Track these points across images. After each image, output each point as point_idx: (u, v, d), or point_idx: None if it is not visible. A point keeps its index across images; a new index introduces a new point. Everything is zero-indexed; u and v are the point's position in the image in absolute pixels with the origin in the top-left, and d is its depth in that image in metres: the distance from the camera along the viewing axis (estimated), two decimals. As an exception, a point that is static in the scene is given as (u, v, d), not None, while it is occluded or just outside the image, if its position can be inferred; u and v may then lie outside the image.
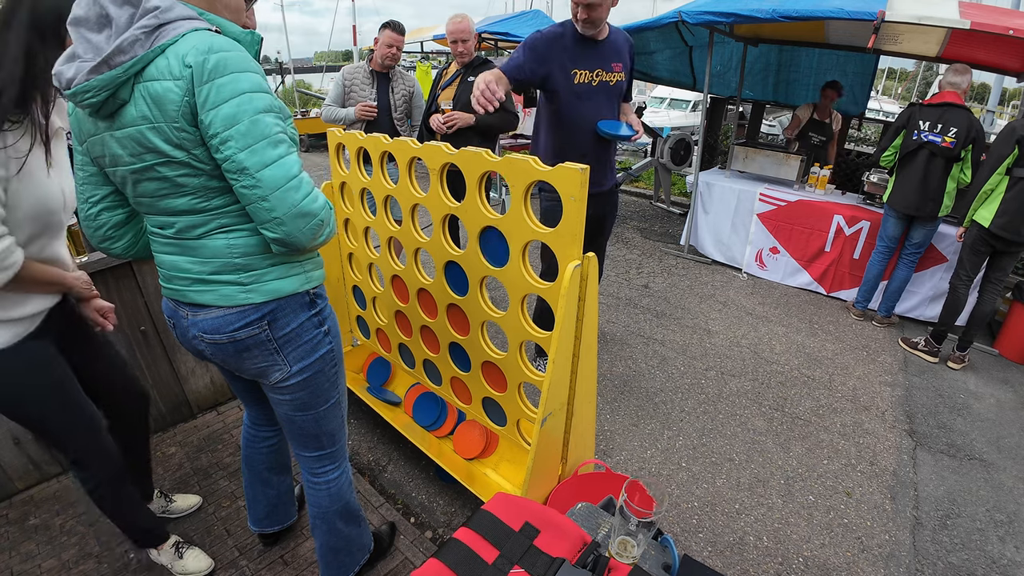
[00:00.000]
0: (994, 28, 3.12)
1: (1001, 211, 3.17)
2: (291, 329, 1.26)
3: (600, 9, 2.38)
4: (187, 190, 1.08)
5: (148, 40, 0.96)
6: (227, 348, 1.24)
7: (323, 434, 1.47)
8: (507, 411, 1.97)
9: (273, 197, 1.01)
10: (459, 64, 3.28)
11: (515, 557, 0.90)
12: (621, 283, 4.61)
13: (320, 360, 1.34)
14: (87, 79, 0.95)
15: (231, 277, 1.17)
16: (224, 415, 2.65)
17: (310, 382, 1.34)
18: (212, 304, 1.19)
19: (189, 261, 1.18)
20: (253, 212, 1.05)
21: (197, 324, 1.23)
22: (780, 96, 6.58)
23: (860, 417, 2.95)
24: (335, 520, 1.60)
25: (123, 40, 0.94)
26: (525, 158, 1.50)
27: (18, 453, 2.09)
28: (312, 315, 1.30)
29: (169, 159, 1.03)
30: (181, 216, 1.13)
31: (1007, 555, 2.15)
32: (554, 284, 1.56)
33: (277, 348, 1.26)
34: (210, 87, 0.96)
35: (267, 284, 1.20)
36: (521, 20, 7.34)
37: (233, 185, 1.04)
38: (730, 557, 2.06)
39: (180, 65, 0.96)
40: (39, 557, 1.87)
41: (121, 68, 0.95)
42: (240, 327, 1.20)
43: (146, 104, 0.99)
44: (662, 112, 14.74)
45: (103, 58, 0.94)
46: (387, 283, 2.23)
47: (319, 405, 1.40)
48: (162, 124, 0.99)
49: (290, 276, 1.23)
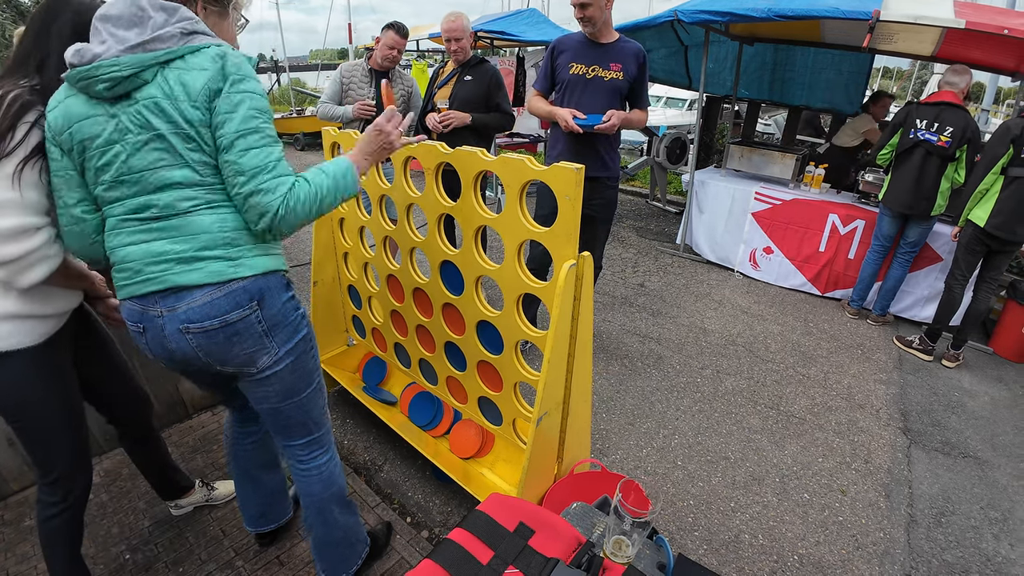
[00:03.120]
0: (989, 27, 3.13)
1: (996, 211, 3.18)
2: (276, 310, 1.29)
3: (592, 8, 2.57)
4: (187, 161, 1.15)
5: (182, 39, 1.13)
6: (217, 335, 1.22)
7: (310, 420, 1.48)
8: (503, 410, 1.97)
9: (248, 173, 1.14)
10: (455, 63, 3.27)
11: (509, 558, 0.90)
12: (617, 282, 4.61)
13: (302, 341, 1.37)
14: (119, 55, 1.08)
15: (220, 252, 1.19)
16: (219, 415, 2.64)
17: (296, 365, 1.36)
18: (201, 283, 1.18)
19: (171, 242, 1.18)
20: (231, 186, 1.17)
21: (178, 317, 1.19)
22: (776, 95, 6.59)
23: (855, 415, 2.96)
24: (331, 508, 1.58)
25: (164, 32, 1.11)
26: (520, 157, 1.50)
27: (13, 454, 2.08)
28: (290, 297, 1.35)
29: (178, 130, 1.13)
30: (171, 190, 1.16)
31: (1001, 552, 2.16)
32: (549, 283, 1.56)
33: (266, 330, 1.27)
34: (229, 81, 1.14)
35: (252, 259, 1.23)
36: (517, 18, 7.31)
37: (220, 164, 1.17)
38: (725, 555, 2.07)
39: (210, 60, 1.13)
40: (35, 559, 1.86)
41: (154, 54, 1.10)
42: (230, 310, 1.21)
43: (170, 85, 1.12)
44: (658, 110, 14.74)
45: (140, 42, 1.09)
46: (383, 282, 2.23)
47: (304, 388, 1.42)
48: (184, 102, 1.12)
49: (271, 254, 1.29)
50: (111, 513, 2.06)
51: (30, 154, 1.18)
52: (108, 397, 1.71)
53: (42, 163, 1.21)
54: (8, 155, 1.15)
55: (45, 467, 1.46)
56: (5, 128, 1.16)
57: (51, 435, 1.43)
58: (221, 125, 1.13)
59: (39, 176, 1.21)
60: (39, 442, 1.44)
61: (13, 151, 1.16)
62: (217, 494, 2.10)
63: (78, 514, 1.55)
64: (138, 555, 1.89)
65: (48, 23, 1.25)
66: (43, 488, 1.49)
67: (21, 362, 1.32)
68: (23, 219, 1.17)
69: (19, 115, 1.17)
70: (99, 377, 1.65)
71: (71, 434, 1.46)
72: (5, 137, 1.16)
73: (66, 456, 1.47)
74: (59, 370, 1.42)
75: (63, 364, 1.44)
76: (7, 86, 1.20)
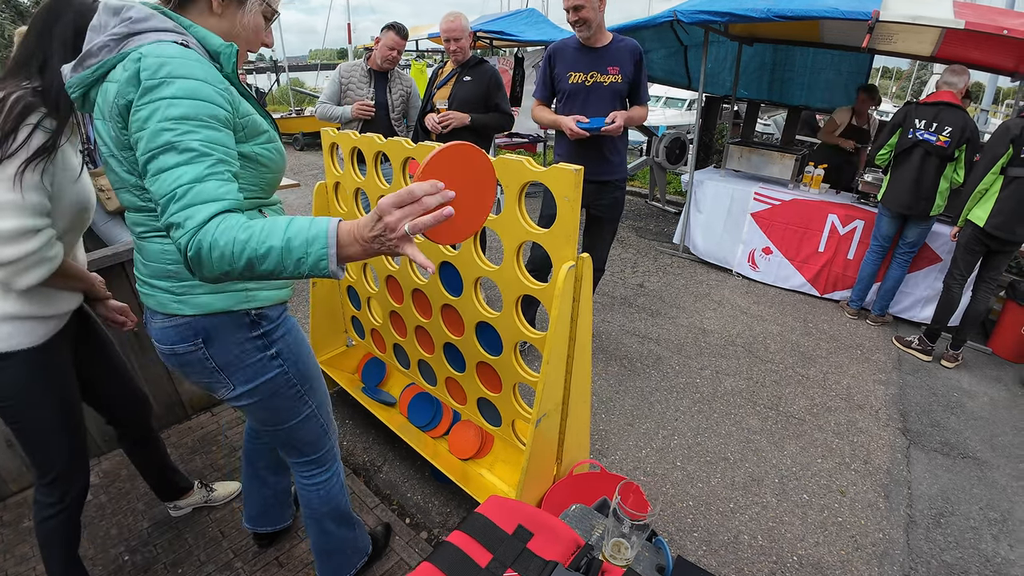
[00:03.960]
0: (988, 28, 3.13)
1: (996, 211, 3.18)
2: (228, 350, 1.19)
3: (585, 10, 2.59)
4: (129, 185, 1.08)
5: (116, 46, 0.99)
6: (171, 360, 1.24)
7: (299, 444, 1.44)
8: (502, 411, 1.97)
9: (162, 201, 0.88)
10: (454, 63, 3.27)
11: (508, 560, 0.90)
12: (616, 282, 4.61)
13: (269, 383, 1.26)
14: (70, 76, 1.04)
15: (165, 284, 1.16)
16: (218, 416, 2.64)
17: (264, 404, 1.29)
18: (153, 309, 1.20)
19: (139, 260, 1.19)
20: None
21: (152, 330, 1.24)
22: (775, 95, 6.59)
23: (854, 416, 2.96)
24: (325, 521, 1.59)
25: (94, 44, 1.00)
26: (519, 158, 1.50)
27: (12, 455, 2.07)
28: (253, 337, 1.21)
29: (112, 153, 1.06)
30: (129, 213, 1.15)
31: (1001, 553, 2.16)
32: (548, 285, 1.56)
33: (216, 367, 1.21)
34: (140, 90, 0.92)
35: (197, 298, 1.15)
36: (516, 18, 7.31)
37: None
38: (725, 556, 2.07)
39: (122, 68, 0.96)
40: (34, 560, 1.86)
41: (89, 70, 1.01)
42: (177, 342, 1.19)
43: (104, 103, 1.02)
44: (657, 110, 14.74)
45: (79, 59, 1.03)
46: (382, 283, 2.22)
47: (284, 422, 1.35)
48: (109, 122, 1.02)
49: (223, 292, 1.16)
50: (110, 514, 2.06)
51: (32, 156, 1.18)
52: (107, 398, 1.71)
53: (44, 165, 1.21)
54: (10, 157, 1.15)
55: (43, 467, 1.47)
56: (7, 130, 1.16)
57: (50, 436, 1.43)
58: (135, 146, 0.92)
59: (40, 178, 1.20)
60: (37, 443, 1.44)
61: (15, 153, 1.16)
62: (216, 495, 2.10)
63: (75, 515, 1.55)
64: (137, 556, 1.89)
65: (50, 24, 1.24)
66: (40, 488, 1.49)
67: (21, 363, 1.32)
68: (23, 221, 1.17)
69: (21, 117, 1.17)
70: (98, 378, 1.65)
71: (69, 435, 1.46)
72: (7, 139, 1.15)
73: (64, 457, 1.47)
74: (59, 371, 1.42)
75: (63, 365, 1.44)
76: (9, 88, 1.19)
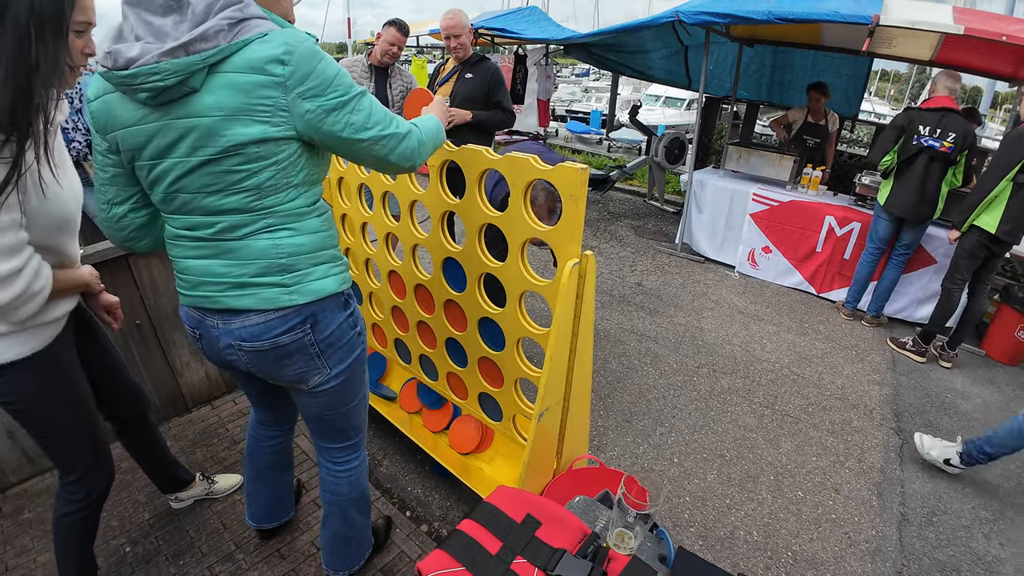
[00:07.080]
0: (987, 34, 3.16)
1: (1006, 217, 3.19)
2: (331, 331, 1.25)
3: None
4: (241, 187, 1.05)
5: (231, 32, 0.95)
6: (268, 355, 1.21)
7: (350, 427, 1.49)
8: (503, 406, 1.99)
9: (382, 120, 1.13)
10: (456, 60, 3.28)
11: (518, 548, 0.92)
12: (615, 281, 4.63)
13: (356, 361, 1.35)
14: (157, 61, 0.92)
15: (274, 279, 1.14)
16: (219, 409, 2.65)
17: (346, 383, 1.35)
18: (252, 308, 1.15)
19: (226, 264, 1.13)
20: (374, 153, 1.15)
21: (232, 333, 1.18)
22: (775, 97, 6.62)
23: (849, 415, 3.00)
24: (350, 509, 1.61)
25: (207, 28, 0.93)
26: (526, 156, 1.51)
27: (12, 446, 2.08)
28: (347, 315, 1.29)
29: (228, 153, 1.01)
30: (225, 216, 1.09)
31: (992, 552, 2.20)
32: (552, 282, 1.58)
33: (319, 352, 1.24)
34: (310, 72, 1.01)
35: (310, 284, 1.18)
36: (518, 15, 7.31)
37: (340, 147, 1.12)
38: (721, 551, 2.09)
39: (271, 60, 0.97)
40: (34, 551, 1.87)
41: (201, 55, 0.93)
42: (283, 331, 1.17)
43: (227, 94, 0.97)
44: (657, 110, 14.79)
45: (181, 43, 0.91)
46: (384, 279, 2.24)
47: (351, 400, 1.42)
48: (246, 114, 0.99)
49: (330, 276, 1.22)
50: (111, 506, 2.06)
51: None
52: (104, 392, 1.66)
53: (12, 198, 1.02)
54: None
55: (67, 467, 1.45)
56: None
57: (69, 435, 1.42)
58: (314, 100, 1.03)
59: (11, 215, 1.04)
60: (62, 443, 1.42)
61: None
62: (217, 487, 2.11)
63: (97, 511, 1.56)
64: (138, 548, 1.90)
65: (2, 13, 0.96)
66: (66, 487, 1.48)
67: (30, 369, 1.28)
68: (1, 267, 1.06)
69: None
70: (96, 372, 1.61)
71: (89, 431, 1.45)
72: None
73: (90, 454, 1.47)
74: (66, 371, 1.39)
75: (70, 364, 1.41)
76: None
